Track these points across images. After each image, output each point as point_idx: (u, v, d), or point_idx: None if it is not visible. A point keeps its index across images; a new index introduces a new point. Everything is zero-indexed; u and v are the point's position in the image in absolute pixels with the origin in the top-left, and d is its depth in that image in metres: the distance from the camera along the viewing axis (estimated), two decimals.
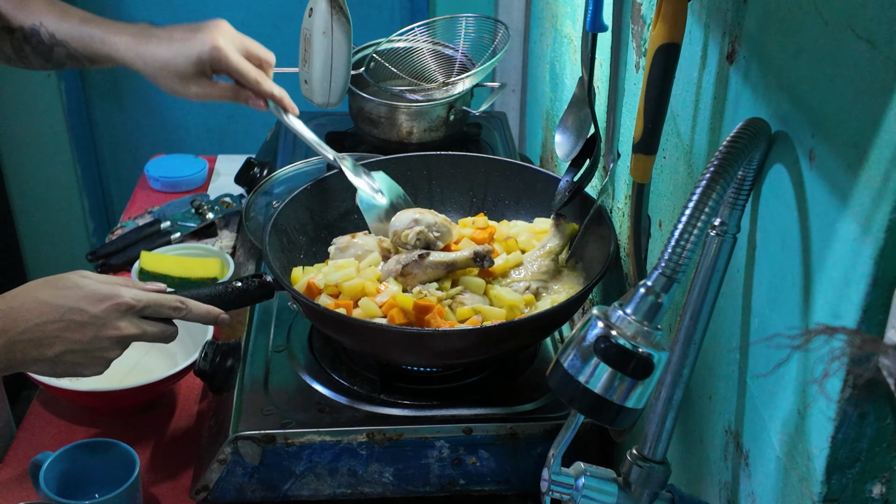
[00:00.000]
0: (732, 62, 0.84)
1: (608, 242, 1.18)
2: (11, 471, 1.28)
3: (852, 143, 0.61)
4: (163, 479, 1.28)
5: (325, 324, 1.17)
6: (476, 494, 1.16)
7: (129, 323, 1.03)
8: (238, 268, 1.62)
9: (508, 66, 2.32)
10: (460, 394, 1.18)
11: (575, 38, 1.60)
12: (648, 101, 0.88)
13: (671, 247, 0.68)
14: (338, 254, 1.28)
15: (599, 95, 1.34)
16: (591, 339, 0.71)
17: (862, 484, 0.67)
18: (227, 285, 1.14)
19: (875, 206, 0.58)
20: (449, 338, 1.11)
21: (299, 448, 1.10)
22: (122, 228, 1.84)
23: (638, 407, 0.72)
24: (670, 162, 1.03)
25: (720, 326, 0.87)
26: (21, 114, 2.68)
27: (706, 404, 0.92)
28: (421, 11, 2.61)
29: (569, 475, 0.82)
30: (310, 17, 1.28)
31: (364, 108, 1.68)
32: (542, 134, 1.96)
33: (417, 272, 1.19)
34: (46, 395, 1.41)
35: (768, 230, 0.77)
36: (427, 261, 1.19)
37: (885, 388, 0.61)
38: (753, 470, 0.80)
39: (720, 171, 0.68)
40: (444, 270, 1.20)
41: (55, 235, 2.87)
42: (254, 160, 1.79)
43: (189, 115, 2.83)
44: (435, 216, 1.27)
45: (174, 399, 1.42)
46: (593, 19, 1.05)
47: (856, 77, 0.60)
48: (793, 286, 0.71)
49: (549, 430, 1.13)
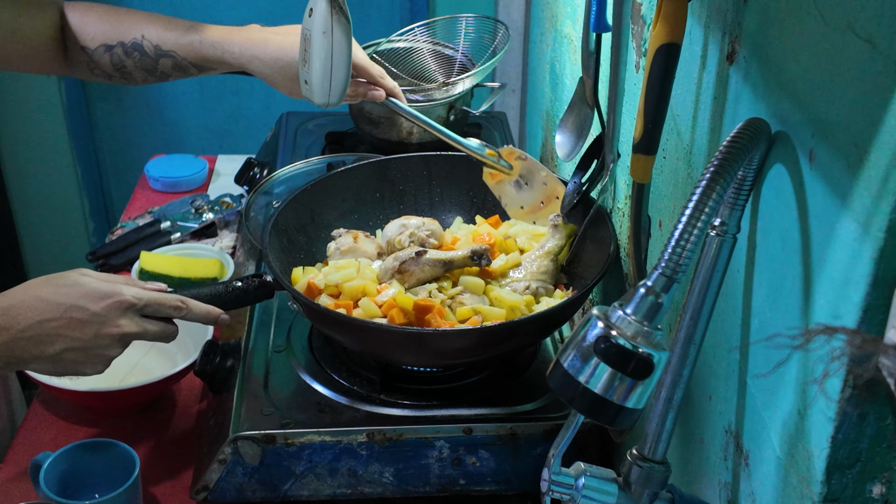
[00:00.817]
0: (732, 62, 0.84)
1: (608, 242, 1.18)
2: (11, 471, 1.28)
3: (852, 143, 0.61)
4: (163, 479, 1.28)
5: (325, 324, 1.17)
6: (476, 494, 1.16)
7: (130, 321, 1.03)
8: (238, 268, 1.62)
9: (508, 66, 2.32)
10: (460, 394, 1.18)
11: (575, 38, 1.60)
12: (648, 101, 0.88)
13: (671, 247, 0.68)
14: (337, 255, 1.28)
15: (600, 95, 1.34)
16: (591, 339, 0.71)
17: (862, 484, 0.67)
18: (227, 285, 1.14)
19: (875, 206, 0.58)
20: (449, 338, 1.11)
21: (299, 448, 1.10)
22: (122, 228, 1.84)
23: (638, 407, 0.72)
24: (670, 162, 1.03)
25: (720, 326, 0.87)
26: (21, 114, 2.68)
27: (706, 404, 0.92)
28: (421, 11, 2.61)
29: (569, 475, 0.82)
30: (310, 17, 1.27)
31: (364, 108, 1.68)
32: (542, 134, 1.96)
33: (414, 269, 1.19)
34: (46, 395, 1.41)
35: (768, 230, 0.77)
36: (424, 258, 1.20)
37: (885, 388, 0.61)
38: (753, 470, 0.80)
39: (720, 171, 0.68)
40: (441, 269, 1.20)
41: (55, 235, 2.87)
42: (254, 160, 1.79)
43: (189, 115, 2.83)
44: (419, 218, 1.29)
45: (174, 399, 1.42)
46: (598, 19, 1.05)
47: (856, 77, 0.60)
48: (793, 286, 0.71)
49: (549, 430, 1.13)
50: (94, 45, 1.34)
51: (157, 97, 2.79)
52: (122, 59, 1.33)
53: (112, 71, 1.35)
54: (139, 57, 1.33)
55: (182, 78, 1.37)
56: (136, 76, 1.36)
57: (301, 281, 1.23)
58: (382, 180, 1.41)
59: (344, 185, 1.36)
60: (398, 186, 1.41)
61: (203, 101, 2.81)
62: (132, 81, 1.37)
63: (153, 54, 1.32)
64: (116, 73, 1.36)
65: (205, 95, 2.80)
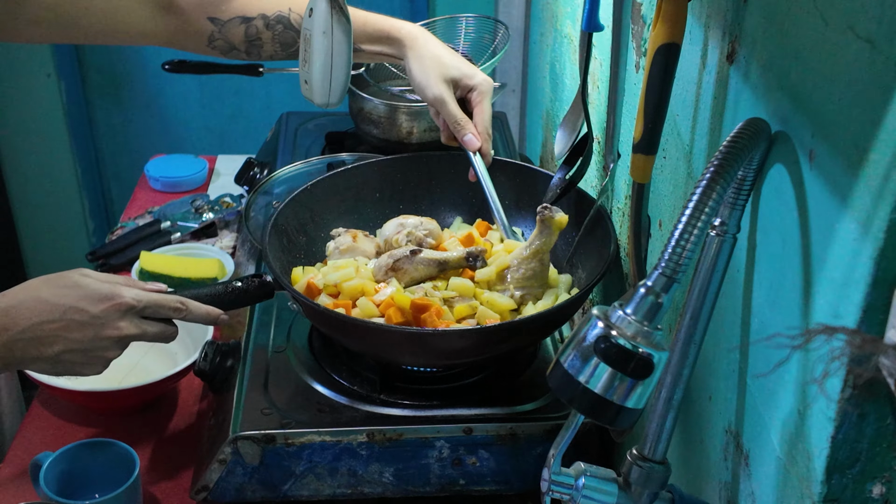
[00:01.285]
0: (732, 62, 0.84)
1: (608, 242, 1.18)
2: (11, 471, 1.28)
3: (852, 143, 0.61)
4: (163, 479, 1.28)
5: (325, 324, 1.17)
6: (476, 494, 1.16)
7: (130, 323, 1.03)
8: (238, 268, 1.62)
9: (508, 66, 2.32)
10: (460, 394, 1.18)
11: (575, 39, 1.60)
12: (648, 101, 0.88)
13: (671, 247, 0.68)
14: (336, 254, 1.28)
15: (599, 95, 1.34)
16: (591, 339, 0.71)
17: (862, 484, 0.67)
18: (227, 285, 1.14)
19: (875, 206, 0.58)
20: (448, 338, 1.11)
21: (299, 448, 1.10)
22: (122, 228, 1.84)
23: (638, 407, 0.72)
24: (670, 162, 1.03)
25: (720, 326, 0.87)
26: (21, 114, 2.68)
27: (706, 404, 0.92)
28: (421, 11, 2.61)
29: (569, 475, 0.82)
30: (310, 17, 1.27)
31: (364, 108, 1.68)
32: (542, 134, 1.96)
33: (408, 267, 1.19)
34: (46, 395, 1.41)
35: (768, 230, 0.77)
36: (418, 257, 1.19)
37: (885, 388, 0.61)
38: (753, 470, 0.80)
39: (720, 171, 0.68)
40: (435, 268, 1.20)
41: (55, 235, 2.87)
42: (254, 160, 1.79)
43: (189, 115, 2.83)
44: (417, 217, 1.29)
45: (174, 399, 1.42)
46: (589, 18, 1.06)
47: (856, 77, 0.60)
48: (793, 286, 0.71)
49: (549, 430, 1.13)
50: (227, 17, 1.29)
51: (157, 97, 2.79)
52: (260, 31, 1.29)
53: (240, 44, 1.31)
54: (282, 30, 1.29)
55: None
56: (265, 49, 1.32)
57: (301, 281, 1.23)
58: (382, 180, 1.41)
59: (344, 185, 1.36)
60: (398, 186, 1.41)
61: (203, 101, 2.81)
62: (255, 56, 1.33)
63: (299, 27, 1.29)
64: (243, 47, 1.31)
65: (205, 95, 2.80)
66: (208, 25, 1.30)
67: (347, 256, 1.26)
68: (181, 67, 1.70)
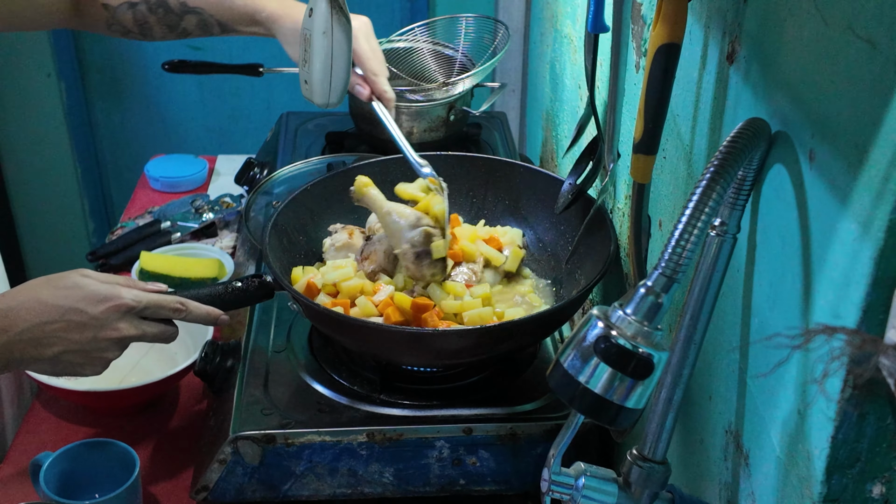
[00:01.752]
0: (732, 62, 0.84)
1: (608, 242, 1.18)
2: (11, 471, 1.28)
3: (852, 143, 0.61)
4: (163, 479, 1.28)
5: (325, 324, 1.17)
6: (476, 494, 1.16)
7: (129, 324, 1.03)
8: (238, 268, 1.62)
9: (508, 66, 2.32)
10: (460, 394, 1.18)
11: (575, 38, 1.60)
12: (648, 101, 0.88)
13: (671, 247, 0.68)
14: (332, 251, 1.28)
15: (599, 95, 1.34)
16: (591, 339, 0.71)
17: (862, 484, 0.67)
18: (227, 285, 1.14)
19: (875, 206, 0.58)
20: (448, 338, 1.11)
21: (299, 448, 1.10)
22: (122, 228, 1.84)
23: (638, 407, 0.72)
24: (670, 162, 1.03)
25: (720, 326, 0.87)
26: (21, 114, 2.68)
27: (706, 404, 0.92)
28: (421, 11, 2.61)
29: (569, 475, 0.82)
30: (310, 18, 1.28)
31: (364, 108, 1.68)
32: (542, 134, 1.96)
33: (371, 252, 1.23)
34: (46, 395, 1.41)
35: (768, 230, 0.77)
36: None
37: (885, 388, 0.61)
38: (753, 470, 0.80)
39: (720, 171, 0.68)
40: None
41: (55, 235, 2.87)
42: (254, 160, 1.79)
43: (189, 115, 2.83)
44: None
45: (174, 399, 1.42)
46: (595, 19, 1.05)
47: (856, 77, 0.60)
48: (793, 286, 0.71)
49: (549, 430, 1.13)
50: (116, 3, 1.34)
51: (157, 97, 2.79)
52: (146, 15, 1.33)
53: (132, 27, 1.35)
54: (163, 13, 1.33)
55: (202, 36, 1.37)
56: (156, 32, 1.36)
57: (301, 281, 1.23)
58: (382, 180, 1.41)
59: (344, 185, 1.36)
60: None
61: (203, 101, 2.81)
62: (150, 38, 1.37)
63: (178, 10, 1.32)
64: (136, 30, 1.36)
65: (205, 95, 2.80)
66: (102, 12, 1.36)
67: (343, 253, 1.26)
68: (181, 67, 1.70)
